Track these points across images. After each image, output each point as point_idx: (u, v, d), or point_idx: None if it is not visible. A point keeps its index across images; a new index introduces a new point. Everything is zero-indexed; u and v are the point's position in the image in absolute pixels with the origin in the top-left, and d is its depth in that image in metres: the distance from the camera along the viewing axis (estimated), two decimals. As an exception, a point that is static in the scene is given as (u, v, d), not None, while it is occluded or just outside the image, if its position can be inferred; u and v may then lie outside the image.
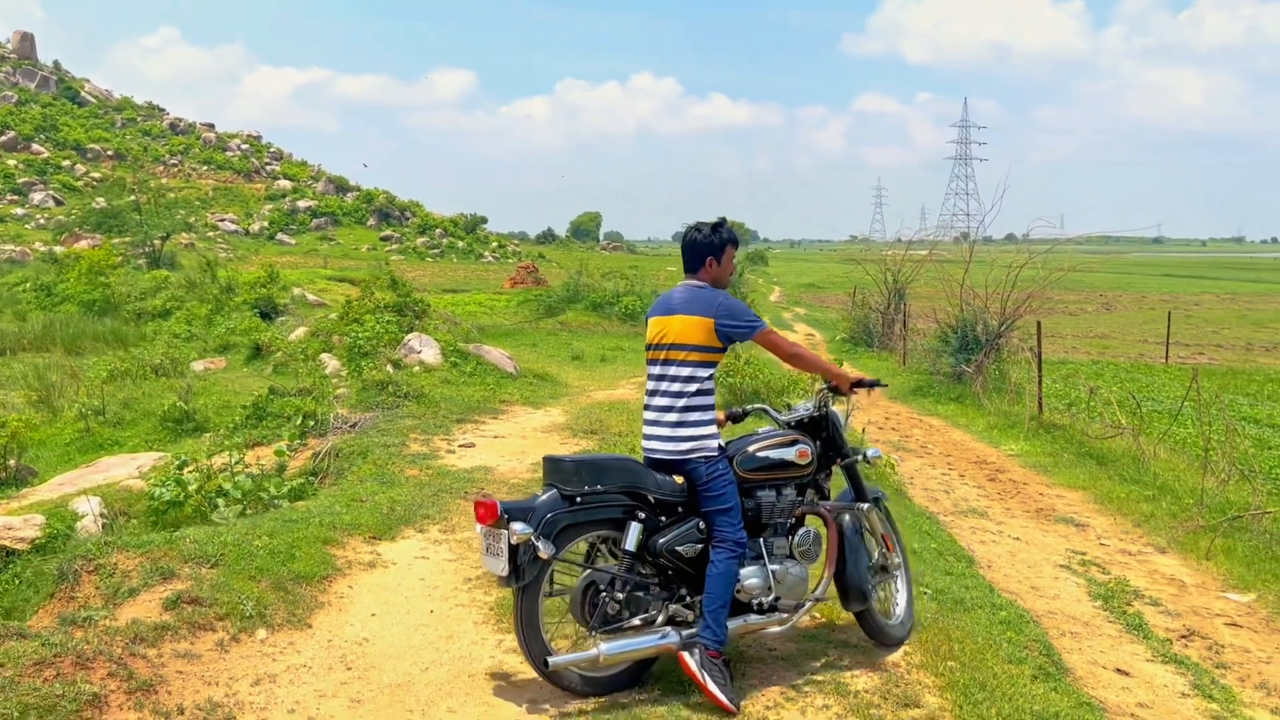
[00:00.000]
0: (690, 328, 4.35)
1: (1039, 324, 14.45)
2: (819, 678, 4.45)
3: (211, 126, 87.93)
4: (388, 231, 72.09)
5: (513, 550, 3.96)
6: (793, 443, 4.66)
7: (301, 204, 74.36)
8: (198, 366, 19.44)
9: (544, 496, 4.16)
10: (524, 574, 3.99)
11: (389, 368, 12.13)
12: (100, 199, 56.72)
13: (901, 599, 5.10)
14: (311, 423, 9.15)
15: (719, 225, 4.58)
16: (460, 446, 8.68)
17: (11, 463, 11.44)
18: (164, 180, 68.32)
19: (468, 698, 4.05)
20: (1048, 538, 8.66)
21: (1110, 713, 4.81)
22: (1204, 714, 5.20)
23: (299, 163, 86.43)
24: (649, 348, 4.51)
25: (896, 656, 4.73)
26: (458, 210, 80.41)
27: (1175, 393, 18.13)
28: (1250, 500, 8.89)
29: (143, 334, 25.09)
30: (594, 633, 4.13)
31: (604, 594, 4.18)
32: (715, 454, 4.35)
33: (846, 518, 4.83)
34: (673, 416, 4.34)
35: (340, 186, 79.34)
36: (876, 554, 5.05)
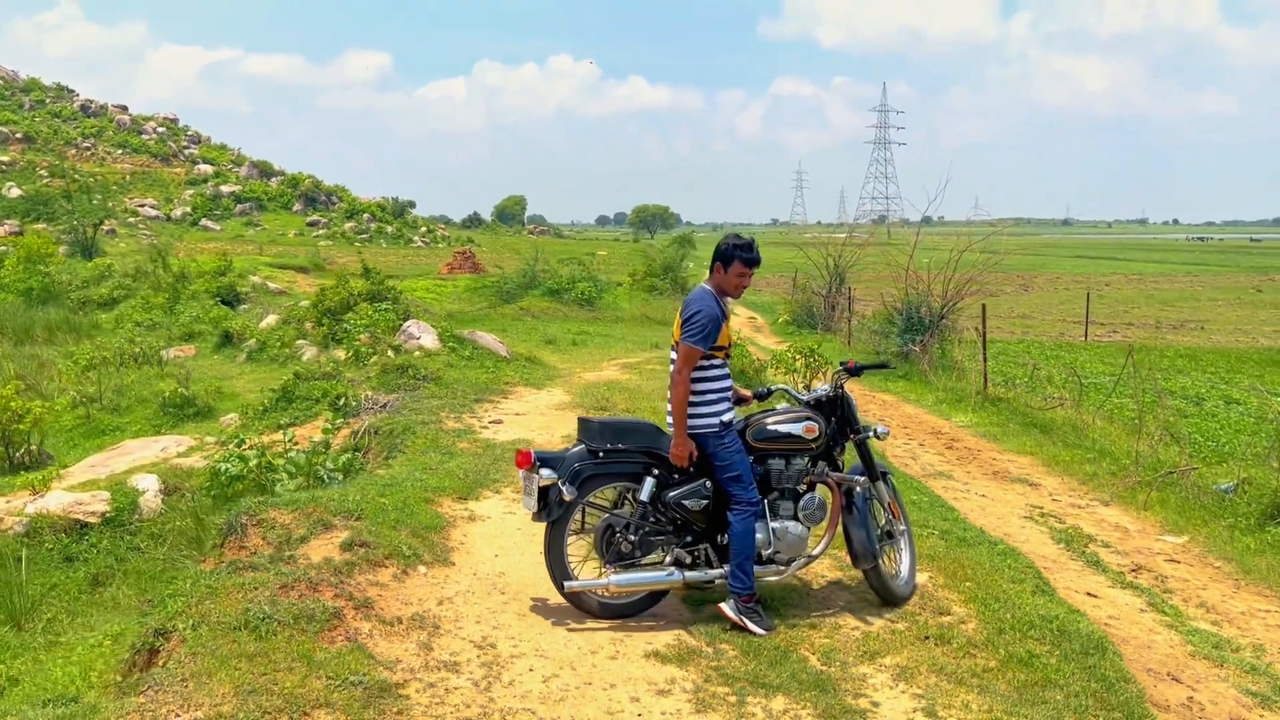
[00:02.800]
0: (678, 326, 5.22)
1: (984, 306, 15.79)
2: (869, 596, 5.53)
3: (125, 108, 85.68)
4: (314, 216, 71.18)
5: (542, 491, 4.91)
6: (802, 419, 5.41)
7: (225, 189, 73.02)
8: (167, 355, 19.79)
9: (573, 450, 5.10)
10: (551, 511, 4.94)
11: (390, 353, 12.90)
12: (12, 184, 55.35)
13: (906, 561, 5.70)
14: (354, 404, 9.94)
15: (740, 243, 5.24)
16: (491, 423, 9.58)
17: (34, 447, 11.97)
18: (78, 164, 66.80)
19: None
20: (1008, 495, 9.90)
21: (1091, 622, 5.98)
22: (1160, 623, 6.44)
23: (218, 146, 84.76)
24: (674, 336, 5.29)
25: (924, 579, 5.84)
26: (379, 194, 79.95)
27: (1097, 368, 19.76)
28: (1178, 459, 10.26)
29: (95, 323, 25.09)
30: (609, 566, 5.05)
31: (619, 535, 5.07)
32: (719, 428, 5.10)
33: (856, 489, 5.54)
34: None
35: (264, 171, 78.26)
36: (884, 521, 5.77)
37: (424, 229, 76.09)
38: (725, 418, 5.16)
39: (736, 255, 5.19)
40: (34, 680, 5.49)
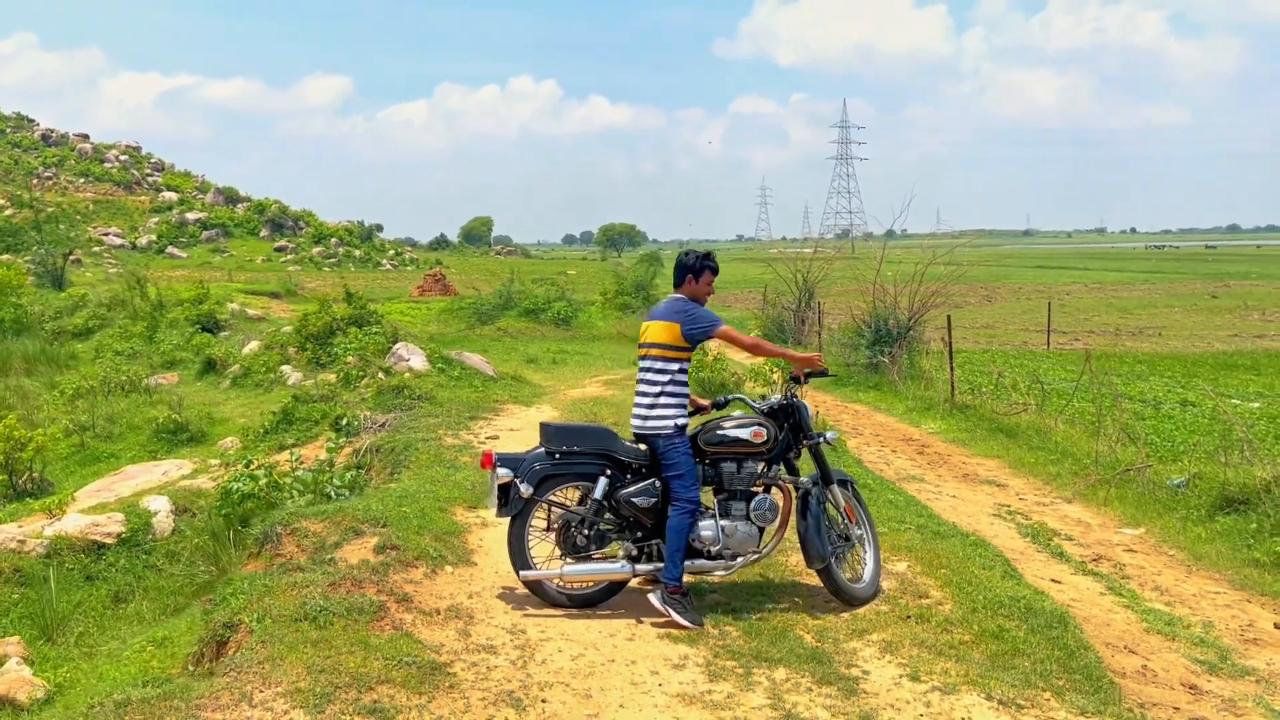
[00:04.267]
0: (662, 331, 5.66)
1: (949, 317, 16.47)
2: (854, 583, 6.07)
3: (86, 137, 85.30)
4: (282, 242, 71.05)
5: (502, 489, 5.42)
6: (751, 424, 5.78)
7: (190, 216, 72.73)
8: (150, 383, 20.03)
9: (532, 452, 5.60)
10: (510, 507, 5.43)
11: (382, 375, 13.34)
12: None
13: (869, 565, 5.97)
14: (354, 424, 10.39)
15: (704, 255, 5.84)
16: (488, 438, 10.06)
17: (35, 475, 12.30)
18: (39, 194, 66.52)
19: (614, 602, 5.60)
20: (977, 495, 10.51)
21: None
22: (1118, 604, 7.03)
23: (182, 173, 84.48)
24: (639, 346, 5.81)
25: (903, 567, 6.40)
26: (344, 218, 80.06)
27: (1059, 375, 20.47)
28: (1135, 458, 10.91)
29: (72, 353, 25.20)
30: (564, 557, 5.55)
31: (574, 530, 5.56)
32: (672, 431, 5.52)
33: (810, 492, 5.87)
34: (647, 400, 5.60)
35: (230, 197, 78.10)
36: (840, 524, 5.99)
37: (392, 252, 76.30)
38: (680, 422, 5.57)
39: (707, 266, 5.80)
40: (88, 683, 5.90)
